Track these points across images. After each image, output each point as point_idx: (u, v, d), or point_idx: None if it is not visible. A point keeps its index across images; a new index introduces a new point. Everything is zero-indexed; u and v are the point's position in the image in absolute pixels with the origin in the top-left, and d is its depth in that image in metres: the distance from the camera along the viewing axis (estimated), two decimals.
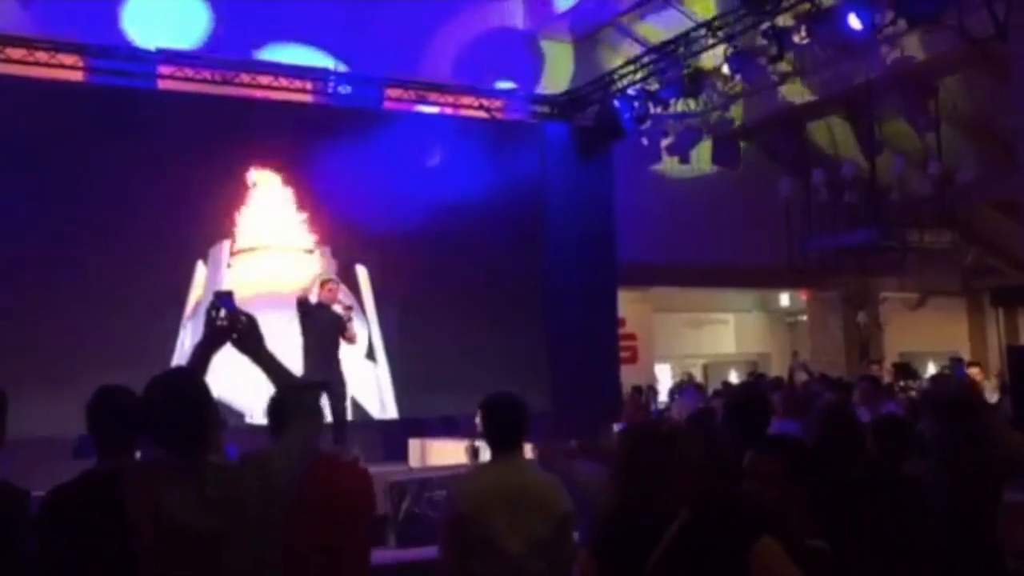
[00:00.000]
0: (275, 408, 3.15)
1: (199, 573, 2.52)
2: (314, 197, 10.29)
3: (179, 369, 3.13)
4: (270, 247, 10.10)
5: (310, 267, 9.96)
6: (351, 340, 8.47)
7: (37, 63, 9.28)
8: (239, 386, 3.40)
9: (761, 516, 2.60)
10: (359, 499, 3.69)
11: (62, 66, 9.39)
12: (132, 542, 2.54)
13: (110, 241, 9.23)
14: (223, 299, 2.81)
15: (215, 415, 2.69)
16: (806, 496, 2.81)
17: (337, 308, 8.33)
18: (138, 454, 3.34)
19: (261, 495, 2.57)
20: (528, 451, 4.30)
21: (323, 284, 8.42)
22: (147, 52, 9.84)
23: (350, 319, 8.33)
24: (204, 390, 2.68)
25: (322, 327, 8.15)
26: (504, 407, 3.58)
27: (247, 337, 2.77)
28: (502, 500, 3.41)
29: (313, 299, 8.26)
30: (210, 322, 2.78)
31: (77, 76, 9.68)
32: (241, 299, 2.85)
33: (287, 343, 8.07)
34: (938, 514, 3.78)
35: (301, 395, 2.86)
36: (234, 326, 2.75)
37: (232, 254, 9.92)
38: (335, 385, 8.12)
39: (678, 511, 2.47)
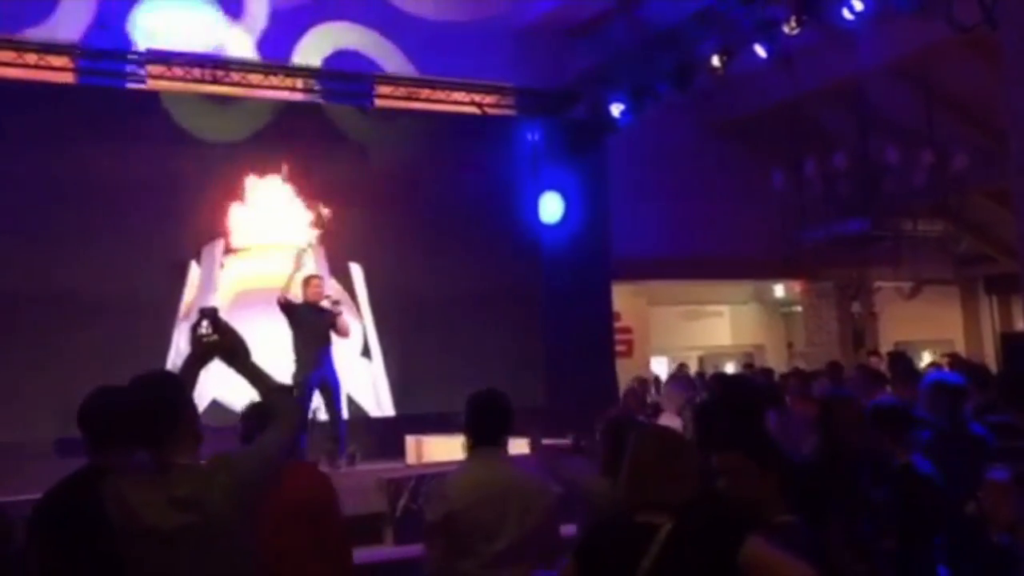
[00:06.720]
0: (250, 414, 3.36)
1: (170, 573, 2.55)
2: (306, 195, 10.26)
3: (161, 371, 3.21)
4: (263, 246, 10.05)
5: (303, 266, 9.93)
6: (343, 334, 8.45)
7: (26, 65, 9.24)
8: (236, 386, 3.44)
9: (743, 514, 2.69)
10: (314, 502, 3.71)
11: (51, 68, 9.36)
12: (114, 542, 2.58)
13: (102, 242, 9.20)
14: (208, 316, 2.86)
15: (191, 419, 2.74)
16: (779, 481, 2.95)
17: (325, 303, 8.32)
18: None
19: (230, 494, 2.61)
20: (524, 446, 4.29)
21: (307, 282, 8.39)
22: (136, 52, 9.80)
23: (339, 313, 8.31)
24: (181, 393, 2.74)
25: (311, 325, 8.12)
26: (487, 401, 3.60)
27: (234, 352, 2.83)
28: (489, 495, 3.41)
29: (297, 299, 8.25)
30: (196, 339, 2.84)
31: (67, 78, 9.64)
32: (235, 298, 2.88)
33: (281, 341, 8.07)
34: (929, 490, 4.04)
35: (277, 398, 2.90)
36: (221, 343, 2.81)
37: (225, 253, 9.89)
38: (329, 383, 8.11)
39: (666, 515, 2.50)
